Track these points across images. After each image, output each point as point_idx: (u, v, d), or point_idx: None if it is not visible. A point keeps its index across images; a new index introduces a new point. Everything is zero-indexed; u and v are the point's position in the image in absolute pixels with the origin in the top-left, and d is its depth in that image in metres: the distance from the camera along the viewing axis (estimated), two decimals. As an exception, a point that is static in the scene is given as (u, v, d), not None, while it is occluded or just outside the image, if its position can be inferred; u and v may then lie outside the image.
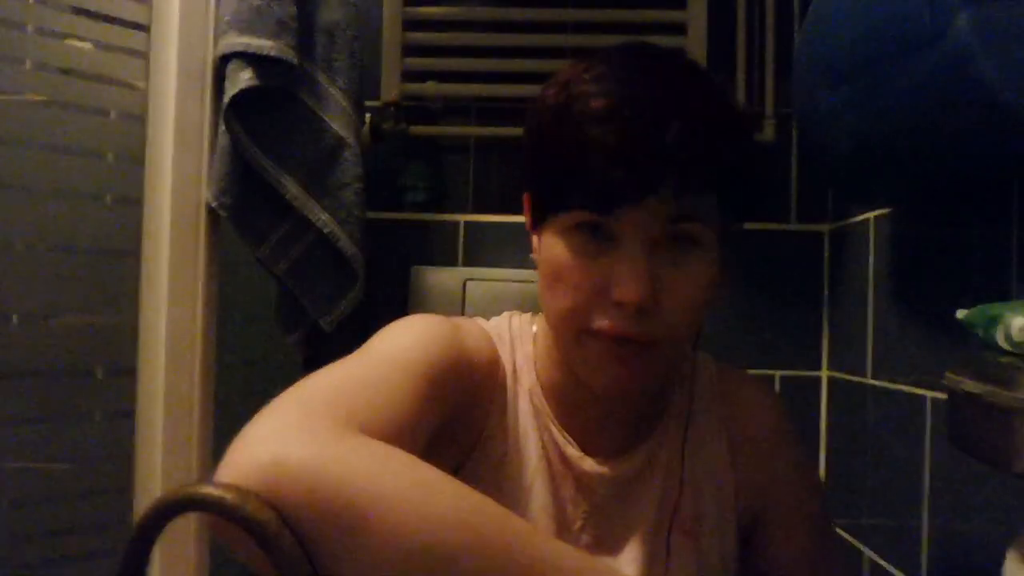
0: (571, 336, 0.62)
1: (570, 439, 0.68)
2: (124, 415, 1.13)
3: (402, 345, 0.60)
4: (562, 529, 0.67)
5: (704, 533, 0.69)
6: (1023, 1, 0.62)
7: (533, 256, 0.67)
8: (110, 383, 1.14)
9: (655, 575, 0.67)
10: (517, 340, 0.72)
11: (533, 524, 0.66)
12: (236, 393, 1.29)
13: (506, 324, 0.73)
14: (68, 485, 1.06)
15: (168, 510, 0.32)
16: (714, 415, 0.73)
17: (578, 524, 0.68)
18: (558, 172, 0.60)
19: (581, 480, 0.68)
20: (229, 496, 0.30)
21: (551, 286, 0.62)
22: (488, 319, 0.75)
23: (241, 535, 0.36)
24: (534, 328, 0.73)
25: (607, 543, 0.68)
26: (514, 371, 0.70)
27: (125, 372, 1.14)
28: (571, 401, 0.69)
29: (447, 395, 0.60)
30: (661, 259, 0.58)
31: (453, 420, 0.64)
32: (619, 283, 0.57)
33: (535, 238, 0.67)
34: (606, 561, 0.50)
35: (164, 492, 0.32)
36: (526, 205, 0.68)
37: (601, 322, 0.59)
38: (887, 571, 1.10)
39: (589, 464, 0.68)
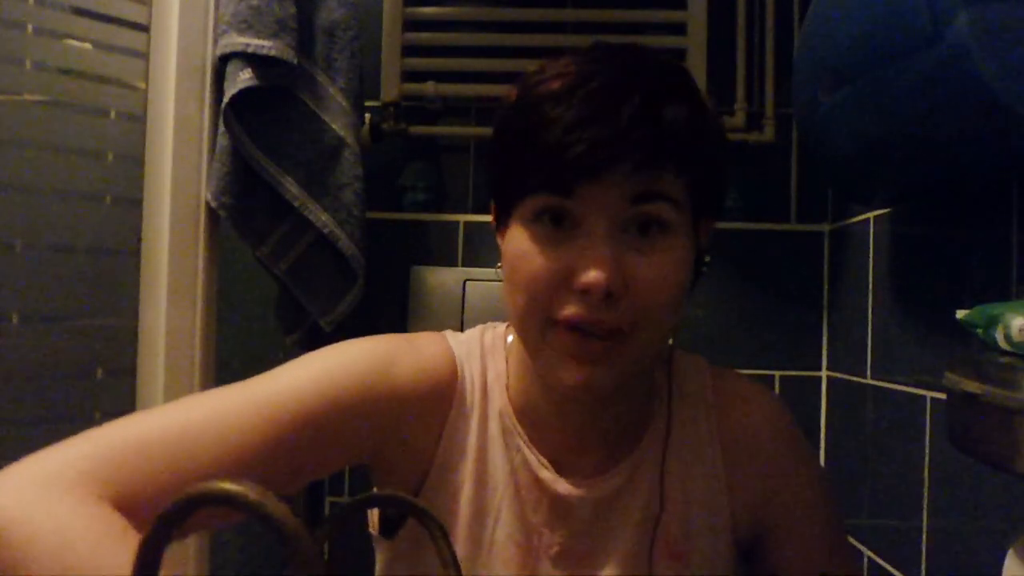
0: (535, 332, 0.58)
1: (544, 461, 0.65)
2: (124, 415, 1.12)
3: (291, 380, 0.60)
4: (532, 557, 0.64)
5: (694, 553, 0.65)
6: (1023, 1, 0.62)
7: (499, 267, 0.63)
8: (110, 383, 1.14)
9: None
10: (489, 356, 0.68)
11: (499, 553, 0.64)
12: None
13: (478, 338, 0.70)
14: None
15: (191, 503, 0.33)
16: (706, 424, 0.68)
17: (555, 550, 0.64)
18: (518, 157, 0.58)
19: (557, 504, 0.64)
20: (250, 493, 0.31)
21: (513, 281, 0.59)
22: (489, 321, 0.73)
23: None
24: (509, 339, 0.69)
25: (587, 568, 0.64)
26: (484, 390, 0.67)
27: (125, 372, 1.14)
28: (545, 420, 0.65)
29: (348, 433, 0.61)
30: (627, 244, 0.55)
31: (375, 453, 0.64)
32: (582, 268, 0.54)
33: (500, 242, 0.63)
34: None
35: (187, 487, 0.33)
36: (493, 210, 0.65)
37: (565, 311, 0.55)
38: (887, 571, 1.10)
39: (564, 487, 0.64)
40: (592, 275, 0.53)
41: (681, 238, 0.58)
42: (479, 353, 0.68)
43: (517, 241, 0.58)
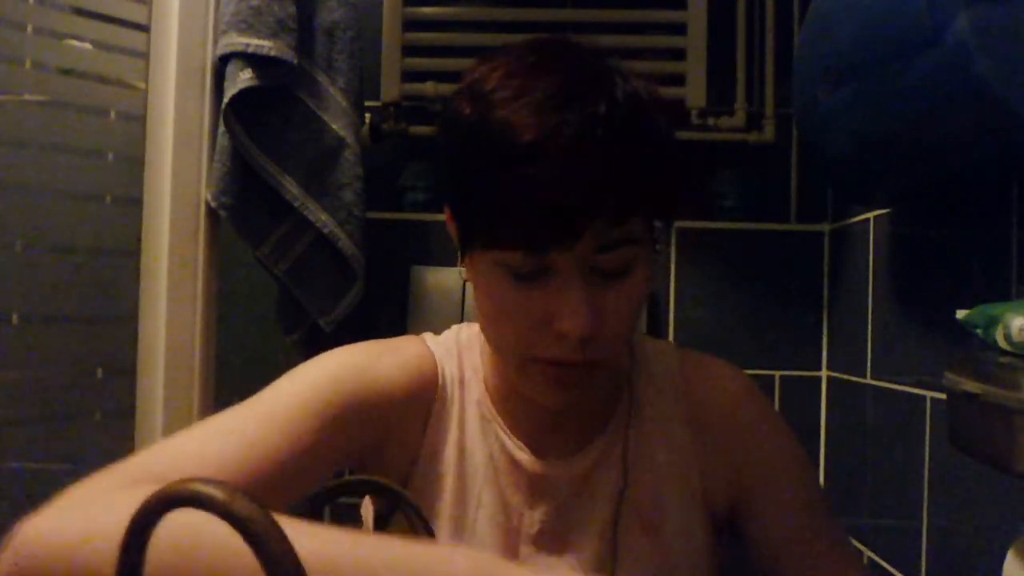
0: (514, 363, 0.62)
1: (521, 444, 0.68)
2: (124, 415, 1.13)
3: (294, 391, 0.62)
4: (514, 537, 0.67)
5: (666, 525, 0.68)
6: (1023, 1, 0.62)
7: (461, 270, 0.65)
8: (110, 383, 1.14)
9: (608, 572, 0.66)
10: (465, 351, 0.72)
11: (481, 535, 0.66)
12: (236, 393, 1.29)
13: (454, 337, 0.73)
14: (68, 485, 1.06)
15: (159, 506, 0.32)
16: (672, 402, 0.71)
17: (536, 528, 0.67)
18: (488, 210, 0.57)
19: (536, 484, 0.68)
20: (217, 493, 0.30)
21: (489, 316, 0.62)
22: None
23: None
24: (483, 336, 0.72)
25: (568, 544, 0.67)
26: (462, 383, 0.70)
27: (125, 372, 1.14)
28: (520, 406, 0.69)
29: (349, 432, 0.63)
30: (599, 285, 0.58)
31: (370, 450, 0.66)
32: (561, 317, 0.57)
33: (466, 266, 0.65)
34: None
35: (155, 490, 0.32)
36: (448, 217, 0.65)
37: (545, 353, 0.59)
38: (887, 571, 1.10)
39: (542, 467, 0.67)
40: (569, 324, 0.56)
41: (646, 267, 0.60)
42: (456, 351, 0.72)
43: (490, 281, 0.60)
